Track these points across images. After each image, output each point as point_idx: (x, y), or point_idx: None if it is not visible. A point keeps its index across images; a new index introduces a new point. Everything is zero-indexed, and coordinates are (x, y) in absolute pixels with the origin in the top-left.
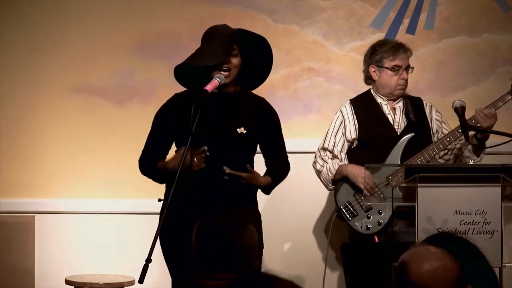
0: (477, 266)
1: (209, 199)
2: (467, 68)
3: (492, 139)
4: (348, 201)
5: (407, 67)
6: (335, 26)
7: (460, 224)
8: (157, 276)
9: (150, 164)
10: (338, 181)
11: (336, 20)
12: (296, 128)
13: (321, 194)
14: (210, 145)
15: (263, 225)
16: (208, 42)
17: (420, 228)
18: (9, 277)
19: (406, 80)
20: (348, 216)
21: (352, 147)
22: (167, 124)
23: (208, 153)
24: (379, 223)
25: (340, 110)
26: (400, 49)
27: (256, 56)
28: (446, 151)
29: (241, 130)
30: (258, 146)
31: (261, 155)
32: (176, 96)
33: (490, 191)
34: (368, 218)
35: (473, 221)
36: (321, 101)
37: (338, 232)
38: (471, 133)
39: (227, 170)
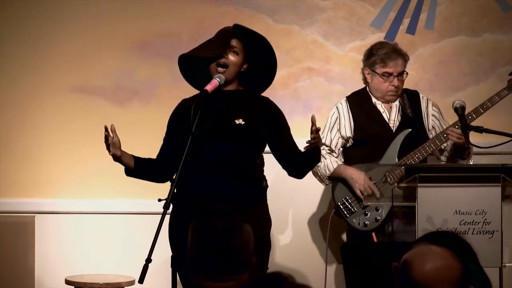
0: (472, 265)
1: (211, 196)
2: (467, 68)
3: (492, 139)
4: (346, 197)
5: (401, 73)
6: (335, 26)
7: (460, 224)
8: (157, 276)
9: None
10: (335, 179)
11: (336, 20)
12: (296, 128)
13: (320, 192)
14: (210, 141)
15: None
16: (212, 37)
17: (420, 228)
18: (9, 277)
19: (397, 87)
20: (345, 213)
21: (348, 145)
22: (173, 130)
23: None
24: (377, 220)
25: (336, 107)
26: (393, 55)
27: (258, 53)
28: (441, 150)
29: (240, 121)
30: (273, 145)
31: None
32: (183, 101)
33: (490, 191)
34: (366, 215)
35: (473, 221)
36: (321, 101)
37: (335, 228)
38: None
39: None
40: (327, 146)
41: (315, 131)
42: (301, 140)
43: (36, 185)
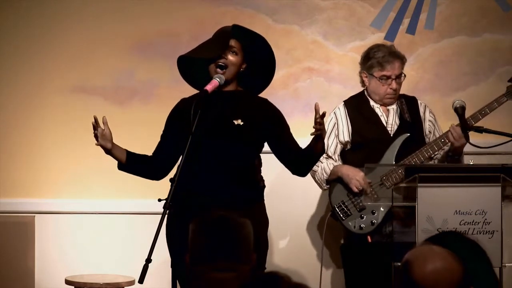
0: (480, 268)
1: (210, 196)
2: (467, 68)
3: (492, 139)
4: (342, 200)
5: (398, 76)
6: (335, 26)
7: (460, 224)
8: (157, 276)
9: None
10: (332, 181)
11: (336, 20)
12: (296, 128)
13: (319, 194)
14: (209, 141)
15: None
16: (210, 38)
17: (420, 228)
18: (9, 277)
19: (395, 90)
20: (341, 215)
21: (346, 149)
22: (171, 129)
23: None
24: (372, 223)
25: (334, 112)
26: (390, 58)
27: (257, 53)
28: (430, 159)
29: (238, 122)
30: (274, 145)
31: (271, 155)
32: (182, 101)
33: (490, 191)
34: (362, 218)
35: (473, 221)
36: (321, 101)
37: (333, 231)
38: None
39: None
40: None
41: (319, 118)
42: (301, 140)
43: (36, 185)
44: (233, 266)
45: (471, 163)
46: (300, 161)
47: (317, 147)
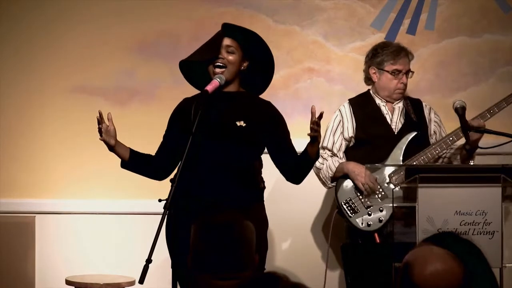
0: (479, 269)
1: (210, 197)
2: (467, 68)
3: (492, 139)
4: (349, 197)
5: (407, 72)
6: (336, 27)
7: (460, 225)
8: (157, 276)
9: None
10: (339, 178)
11: (337, 21)
12: (297, 129)
13: (322, 194)
14: (210, 142)
15: None
16: (207, 40)
17: (421, 229)
18: (9, 277)
19: (405, 85)
20: (349, 212)
21: (350, 145)
22: (173, 129)
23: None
24: (380, 220)
25: (339, 109)
26: (401, 53)
27: (253, 50)
28: (438, 158)
29: (241, 123)
30: (271, 150)
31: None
32: (185, 101)
33: (491, 192)
34: (369, 215)
35: (473, 222)
36: (322, 102)
37: (338, 231)
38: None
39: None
40: (329, 150)
41: (316, 119)
42: (301, 140)
43: (37, 185)
44: (236, 274)
45: (471, 163)
46: (295, 167)
47: (312, 151)
